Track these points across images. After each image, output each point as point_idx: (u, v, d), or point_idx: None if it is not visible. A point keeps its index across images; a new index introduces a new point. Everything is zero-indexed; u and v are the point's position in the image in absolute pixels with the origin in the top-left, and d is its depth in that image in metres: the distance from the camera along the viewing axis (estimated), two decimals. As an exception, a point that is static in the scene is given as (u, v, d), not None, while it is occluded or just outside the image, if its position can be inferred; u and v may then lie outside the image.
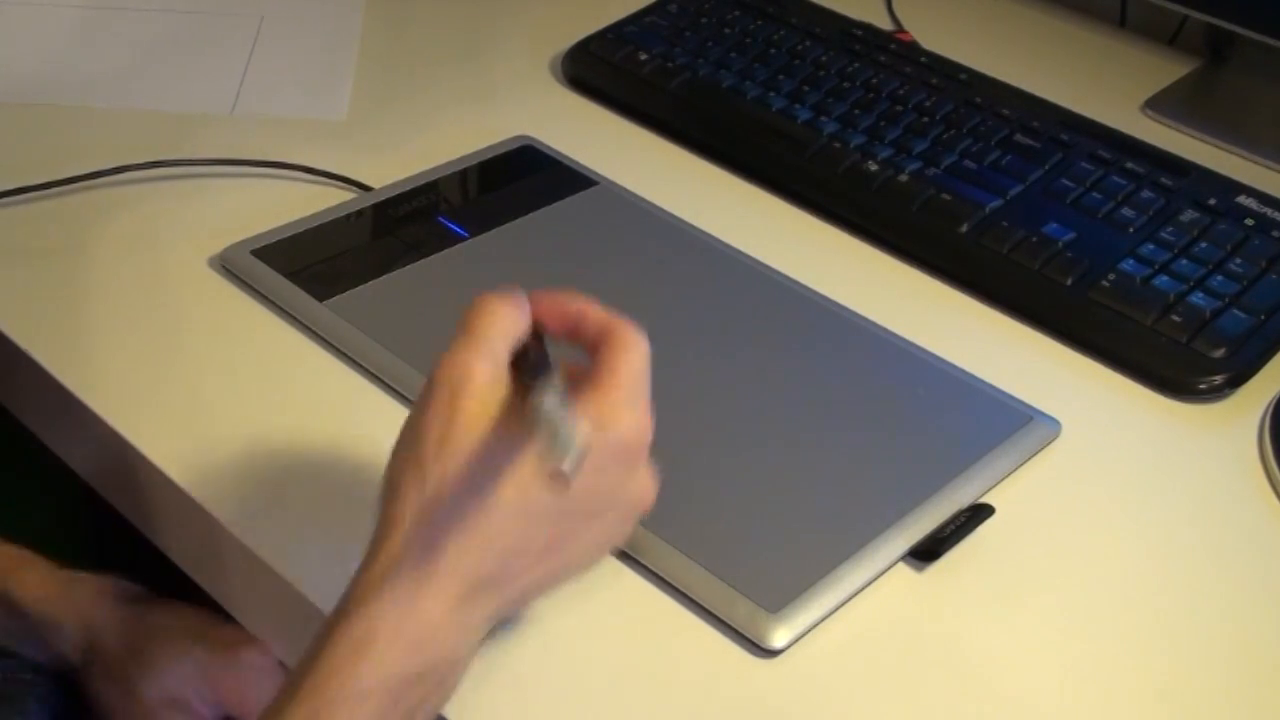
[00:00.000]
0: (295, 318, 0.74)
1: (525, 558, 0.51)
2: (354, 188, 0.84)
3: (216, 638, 0.75)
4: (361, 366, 0.71)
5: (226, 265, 0.77)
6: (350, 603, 0.49)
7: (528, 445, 0.49)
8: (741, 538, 0.62)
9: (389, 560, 0.49)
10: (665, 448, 0.66)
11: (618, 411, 0.51)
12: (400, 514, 0.49)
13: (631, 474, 0.53)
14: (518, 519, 0.49)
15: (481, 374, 0.50)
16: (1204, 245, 0.79)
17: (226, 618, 0.70)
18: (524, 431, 0.49)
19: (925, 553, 0.63)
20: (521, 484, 0.49)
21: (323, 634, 0.49)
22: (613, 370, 0.52)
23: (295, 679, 0.48)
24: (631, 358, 0.52)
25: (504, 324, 0.52)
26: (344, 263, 0.77)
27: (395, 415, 0.69)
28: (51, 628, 0.80)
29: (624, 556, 0.62)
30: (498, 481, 0.49)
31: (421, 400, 0.51)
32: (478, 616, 0.51)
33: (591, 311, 0.55)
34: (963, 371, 0.73)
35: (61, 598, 0.80)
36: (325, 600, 0.60)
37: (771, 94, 0.91)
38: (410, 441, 0.51)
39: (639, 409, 0.52)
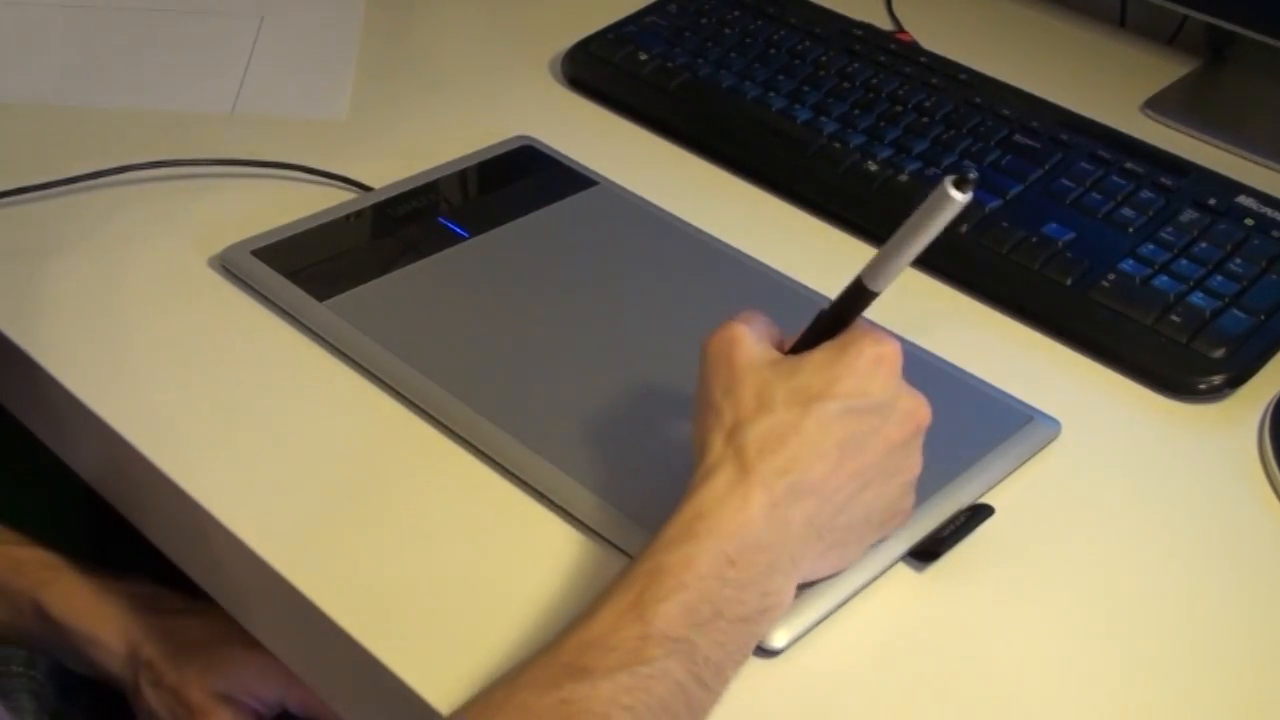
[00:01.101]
0: (295, 318, 0.74)
1: (826, 461, 0.56)
2: (354, 188, 0.84)
3: None
4: (361, 366, 0.71)
5: (226, 265, 0.77)
6: (678, 507, 0.55)
7: (806, 361, 0.57)
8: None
9: (707, 469, 0.56)
10: (664, 448, 0.67)
11: (869, 332, 0.58)
12: (711, 441, 0.56)
13: (894, 380, 0.58)
14: (814, 423, 0.56)
15: (747, 334, 0.58)
16: (1204, 245, 0.79)
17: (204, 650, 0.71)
18: (794, 359, 0.57)
19: (925, 553, 0.63)
20: (808, 393, 0.56)
21: (658, 530, 0.55)
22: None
23: (633, 561, 0.54)
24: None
25: (759, 315, 0.60)
26: (344, 263, 0.77)
27: (395, 415, 0.69)
28: (91, 642, 0.80)
29: (624, 556, 0.62)
30: (787, 400, 0.56)
31: (701, 373, 0.59)
32: (796, 515, 0.55)
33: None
34: (963, 371, 0.73)
35: (96, 610, 0.81)
36: (325, 599, 0.60)
37: (771, 94, 0.91)
38: (702, 404, 0.58)
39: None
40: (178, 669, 0.78)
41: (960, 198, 0.53)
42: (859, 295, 0.58)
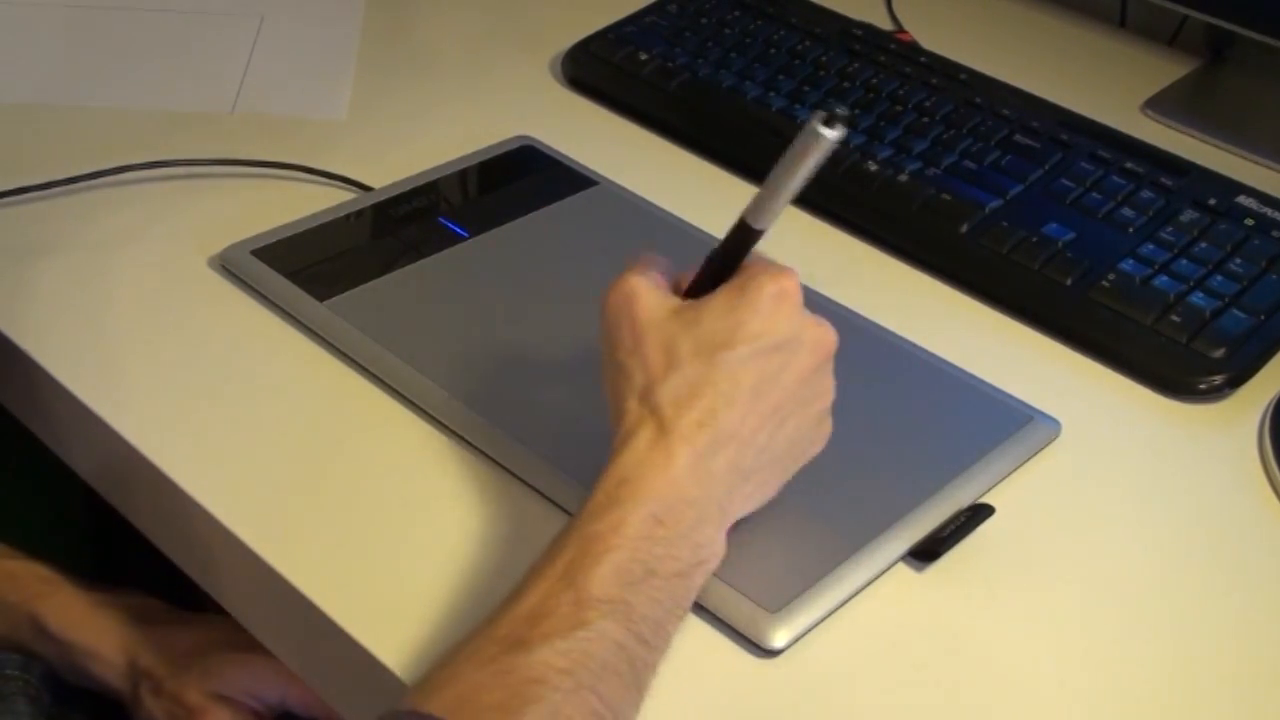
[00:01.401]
0: (295, 318, 0.74)
1: (741, 406, 0.56)
2: (354, 188, 0.84)
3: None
4: (361, 366, 0.71)
5: (226, 265, 0.77)
6: (601, 474, 0.56)
7: (706, 308, 0.57)
8: (741, 538, 0.62)
9: (625, 433, 0.56)
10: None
11: (767, 269, 0.59)
12: (626, 405, 0.57)
13: (797, 314, 0.58)
14: (724, 372, 0.56)
15: (643, 285, 0.59)
16: (1204, 245, 0.79)
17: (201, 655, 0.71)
18: (694, 306, 0.58)
19: (925, 553, 0.63)
20: (713, 341, 0.57)
21: (583, 501, 0.55)
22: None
23: (560, 533, 0.54)
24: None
25: (654, 258, 0.61)
26: (344, 263, 0.77)
27: (395, 415, 0.69)
28: (89, 654, 0.80)
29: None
30: (695, 352, 0.57)
31: (603, 331, 0.59)
32: (719, 464, 0.56)
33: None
34: (963, 371, 0.73)
35: (93, 623, 0.81)
36: (324, 598, 0.60)
37: (771, 94, 0.91)
38: (609, 366, 0.59)
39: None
40: (175, 675, 0.78)
41: (830, 134, 0.54)
42: (745, 234, 0.59)
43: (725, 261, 0.60)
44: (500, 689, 0.49)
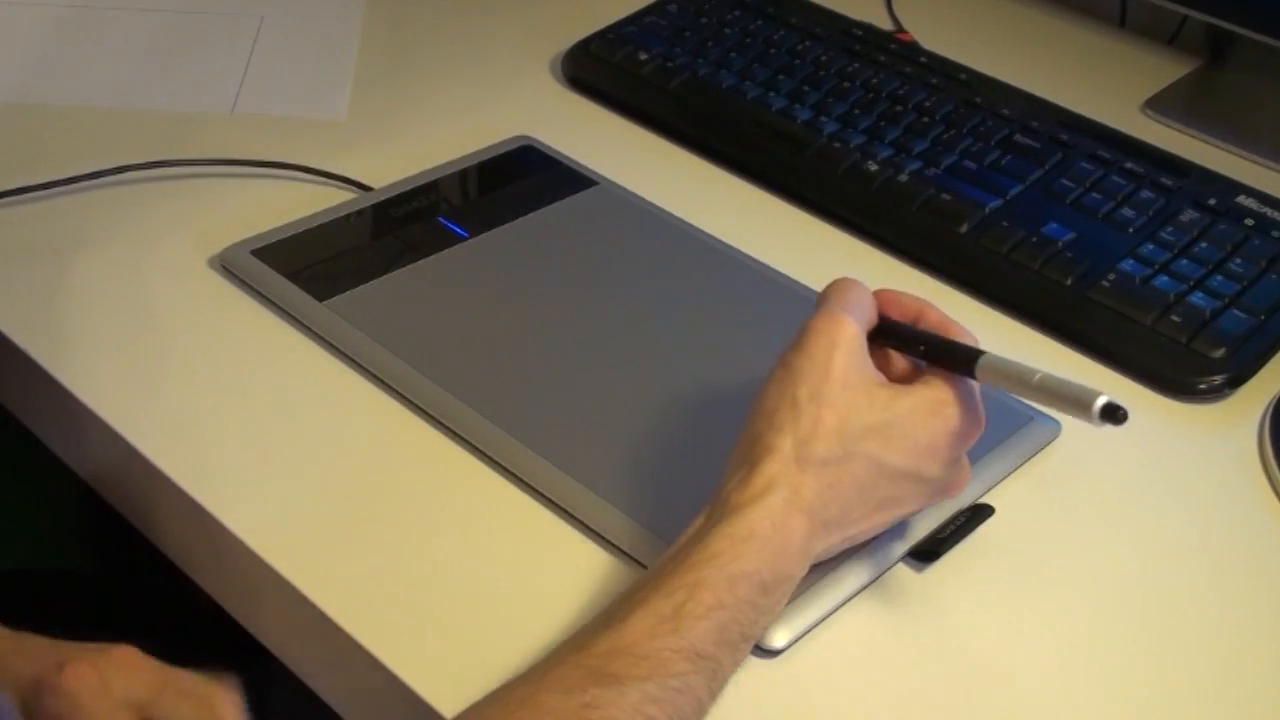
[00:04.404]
0: (295, 318, 0.74)
1: (866, 507, 0.57)
2: (354, 188, 0.84)
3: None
4: (361, 366, 0.71)
5: (226, 265, 0.77)
6: (727, 509, 0.54)
7: (892, 403, 0.56)
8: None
9: (766, 481, 0.55)
10: (665, 449, 0.67)
11: (970, 393, 0.59)
12: (778, 444, 0.55)
13: (962, 456, 0.60)
14: (873, 473, 0.56)
15: (855, 332, 0.57)
16: (1204, 245, 0.79)
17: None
18: (887, 392, 0.57)
19: (925, 553, 0.63)
20: (884, 441, 0.56)
21: (697, 533, 0.55)
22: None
23: (666, 565, 0.54)
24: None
25: (866, 297, 0.60)
26: (344, 263, 0.77)
27: (395, 415, 0.69)
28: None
29: (625, 557, 0.62)
30: (863, 438, 0.56)
31: (799, 345, 0.57)
32: (818, 548, 0.56)
33: (931, 311, 0.62)
34: (963, 371, 0.73)
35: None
36: (323, 598, 0.60)
37: (771, 94, 0.91)
38: (786, 380, 0.57)
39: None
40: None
41: (1096, 422, 0.54)
42: (966, 364, 0.58)
43: (933, 358, 0.60)
44: None
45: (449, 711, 0.56)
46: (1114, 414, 0.53)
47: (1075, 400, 0.54)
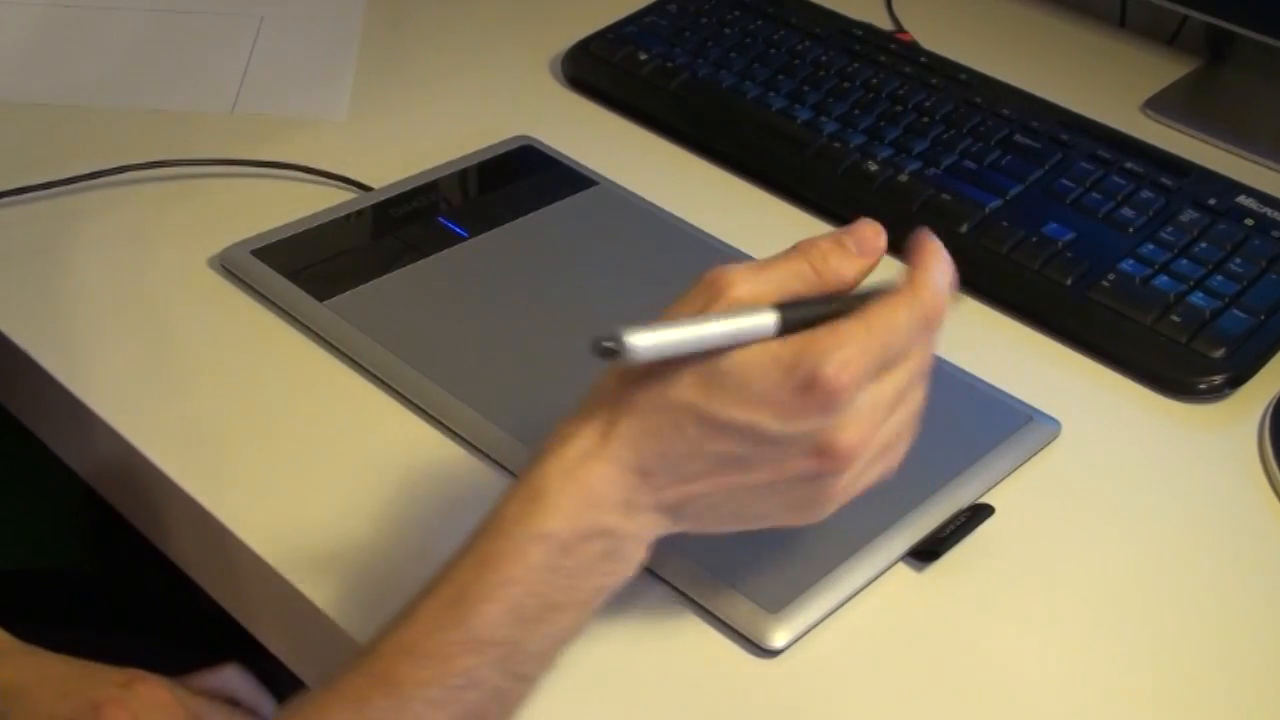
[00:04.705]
0: (295, 318, 0.74)
1: (697, 462, 0.51)
2: (354, 188, 0.84)
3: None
4: (361, 366, 0.71)
5: (226, 265, 0.77)
6: (528, 466, 0.51)
7: (728, 353, 0.50)
8: (741, 538, 0.62)
9: (569, 432, 0.51)
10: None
11: (829, 349, 0.50)
12: (602, 388, 0.52)
13: (819, 416, 0.50)
14: (699, 423, 0.50)
15: (741, 288, 0.51)
16: (1204, 245, 0.79)
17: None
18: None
19: (925, 553, 0.63)
20: (708, 389, 0.50)
21: (500, 497, 0.51)
22: (866, 311, 0.52)
23: (471, 535, 0.50)
24: (897, 307, 0.52)
25: (796, 268, 0.53)
26: (344, 263, 0.77)
27: (395, 415, 0.69)
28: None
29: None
30: (687, 384, 0.50)
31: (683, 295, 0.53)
32: (645, 501, 0.51)
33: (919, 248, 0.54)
34: (963, 371, 0.73)
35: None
36: (322, 598, 0.60)
37: (771, 94, 0.91)
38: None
39: (860, 354, 0.50)
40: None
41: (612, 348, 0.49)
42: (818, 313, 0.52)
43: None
44: None
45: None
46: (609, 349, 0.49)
47: (601, 351, 0.50)
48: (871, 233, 0.54)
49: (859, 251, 0.54)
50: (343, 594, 0.60)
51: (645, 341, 0.49)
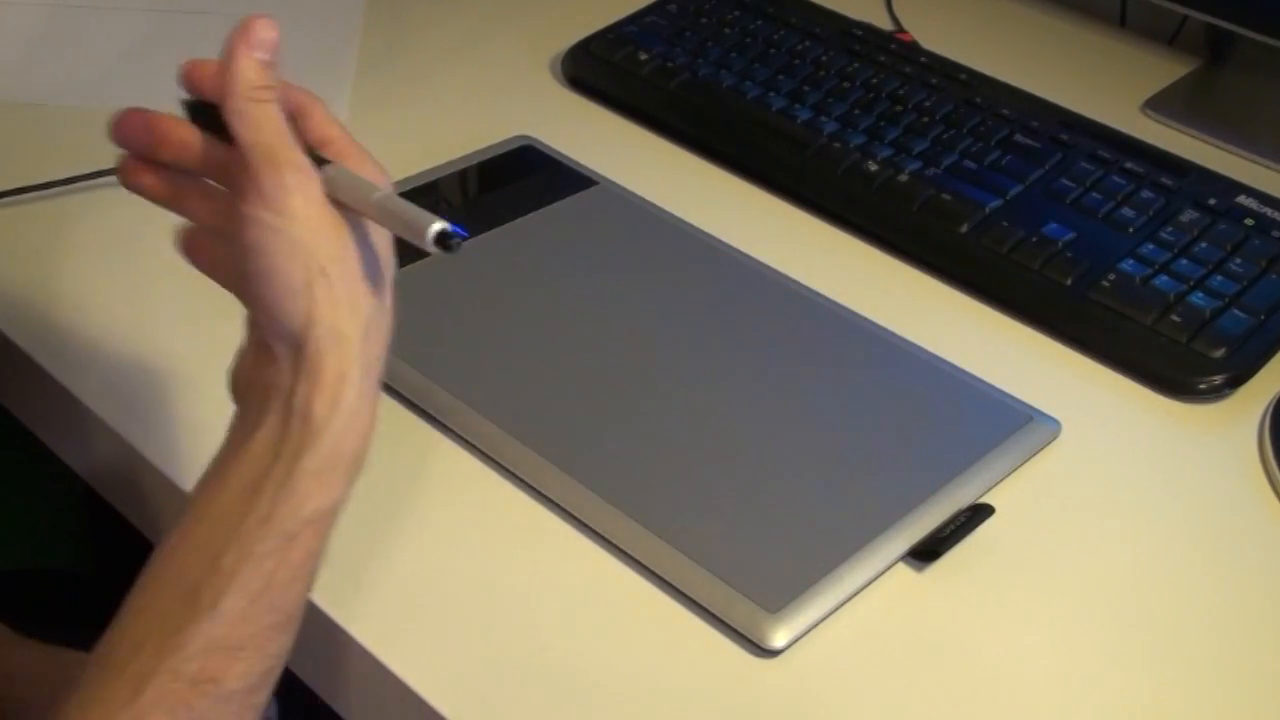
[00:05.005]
0: (295, 318, 0.74)
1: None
2: (354, 188, 0.84)
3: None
4: (361, 366, 0.71)
5: (226, 265, 0.77)
6: (306, 434, 0.50)
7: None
8: (741, 538, 0.62)
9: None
10: (664, 448, 0.67)
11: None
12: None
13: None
14: None
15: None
16: (1204, 245, 0.79)
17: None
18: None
19: (925, 553, 0.63)
20: None
21: (268, 471, 0.50)
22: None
23: (249, 518, 0.49)
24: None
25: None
26: (344, 263, 0.77)
27: (395, 414, 0.69)
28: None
29: (624, 556, 0.62)
30: None
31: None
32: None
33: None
34: (963, 371, 0.73)
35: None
36: (322, 598, 0.60)
37: (771, 94, 0.91)
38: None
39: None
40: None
41: (431, 248, 0.50)
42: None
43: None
44: None
45: (451, 710, 0.56)
46: (446, 241, 0.49)
47: (411, 224, 0.50)
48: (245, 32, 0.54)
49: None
50: (334, 586, 0.60)
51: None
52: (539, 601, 0.60)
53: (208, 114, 0.54)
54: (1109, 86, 0.99)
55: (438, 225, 0.49)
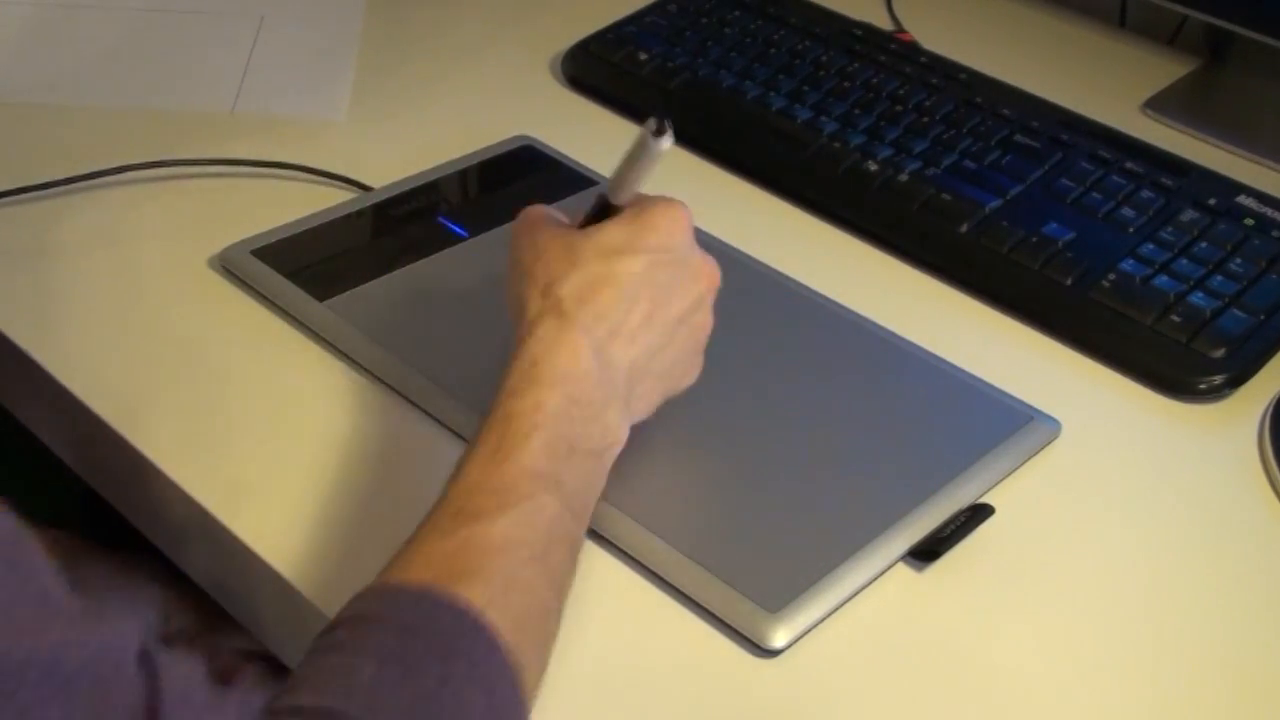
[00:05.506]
0: (295, 318, 0.74)
1: (638, 307, 0.61)
2: (354, 188, 0.84)
3: None
4: (361, 366, 0.71)
5: (226, 265, 0.77)
6: (514, 352, 0.59)
7: (607, 225, 0.62)
8: (742, 538, 0.62)
9: (529, 327, 0.60)
10: (664, 448, 0.67)
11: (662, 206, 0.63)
12: (527, 304, 0.61)
13: (695, 247, 0.64)
14: (616, 269, 0.60)
15: (546, 213, 0.64)
16: (1204, 245, 0.79)
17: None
18: (599, 227, 0.62)
19: (925, 553, 0.63)
20: (604, 251, 0.61)
21: (499, 383, 0.59)
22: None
23: (485, 416, 0.58)
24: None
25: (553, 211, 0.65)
26: (344, 263, 0.77)
27: (395, 414, 0.69)
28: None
29: (624, 557, 0.62)
30: (590, 250, 0.61)
31: (511, 252, 0.64)
32: (618, 358, 0.60)
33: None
34: (963, 371, 0.73)
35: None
36: (321, 596, 0.60)
37: (771, 94, 0.91)
38: (514, 272, 0.63)
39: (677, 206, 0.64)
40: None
41: (663, 145, 0.60)
42: (608, 208, 0.63)
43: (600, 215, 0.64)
44: (466, 558, 0.52)
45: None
46: (663, 131, 0.59)
47: (643, 152, 0.60)
48: None
49: None
50: (342, 592, 0.60)
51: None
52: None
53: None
54: (1109, 86, 0.99)
55: (651, 123, 0.59)
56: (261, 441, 0.67)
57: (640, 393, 0.62)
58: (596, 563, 0.62)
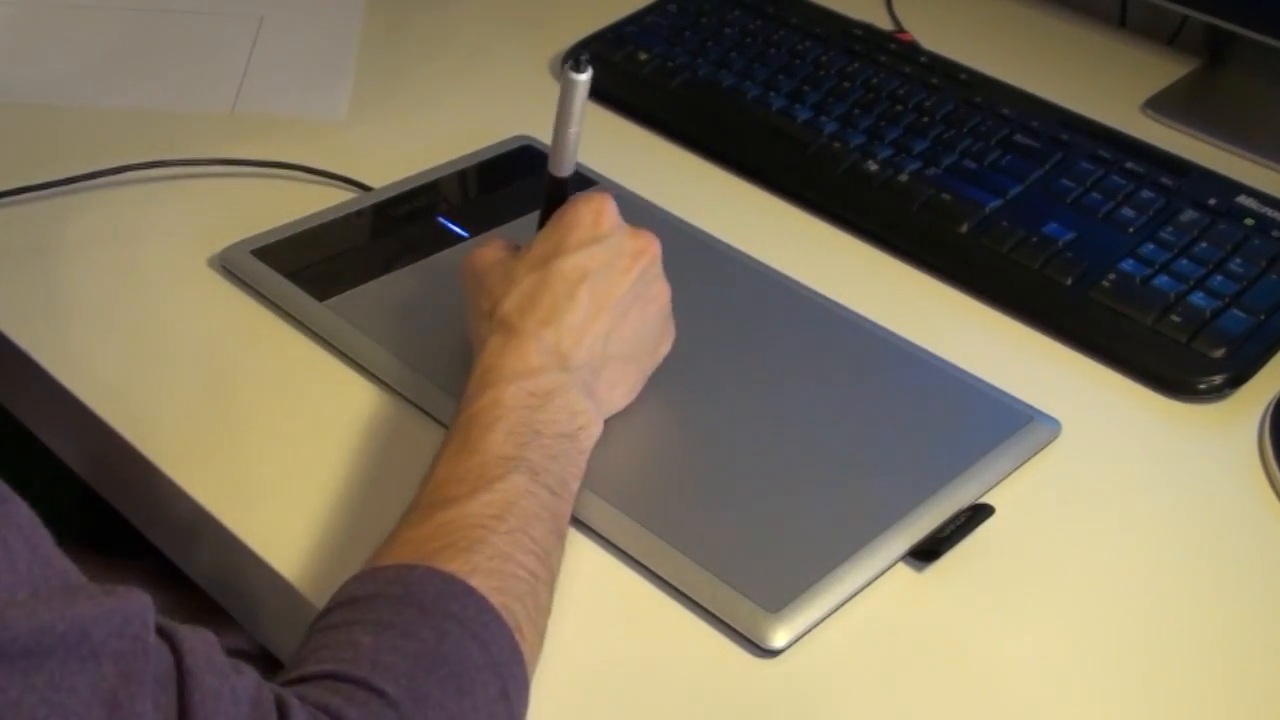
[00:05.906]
0: (295, 318, 0.74)
1: (578, 303, 0.63)
2: (354, 188, 0.84)
3: None
4: (361, 366, 0.71)
5: (226, 265, 0.77)
6: (468, 376, 0.63)
7: (534, 239, 0.66)
8: (742, 538, 0.62)
9: (479, 348, 0.64)
10: (664, 449, 0.67)
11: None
12: (479, 334, 0.65)
13: (623, 229, 0.66)
14: (550, 274, 0.64)
15: (481, 247, 0.68)
16: (1204, 245, 0.79)
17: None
18: (529, 242, 0.66)
19: (925, 553, 0.63)
20: (536, 262, 0.64)
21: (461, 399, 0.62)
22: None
23: (450, 425, 0.61)
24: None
25: (499, 238, 0.69)
26: (344, 263, 0.77)
27: (395, 414, 0.69)
28: None
29: (625, 557, 0.62)
30: (523, 267, 0.65)
31: (464, 294, 0.68)
32: (571, 353, 0.63)
33: None
34: (963, 371, 0.73)
35: None
36: (321, 595, 0.60)
37: (771, 94, 0.91)
38: (468, 310, 0.67)
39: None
40: None
41: (581, 77, 0.63)
42: (555, 185, 0.67)
43: (549, 211, 0.67)
44: (444, 537, 0.54)
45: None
46: (581, 63, 0.63)
47: (567, 93, 0.64)
48: None
49: None
50: (334, 585, 0.60)
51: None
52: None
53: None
54: (1109, 86, 0.99)
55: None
56: (261, 441, 0.67)
57: (610, 378, 0.65)
58: (597, 562, 0.62)
